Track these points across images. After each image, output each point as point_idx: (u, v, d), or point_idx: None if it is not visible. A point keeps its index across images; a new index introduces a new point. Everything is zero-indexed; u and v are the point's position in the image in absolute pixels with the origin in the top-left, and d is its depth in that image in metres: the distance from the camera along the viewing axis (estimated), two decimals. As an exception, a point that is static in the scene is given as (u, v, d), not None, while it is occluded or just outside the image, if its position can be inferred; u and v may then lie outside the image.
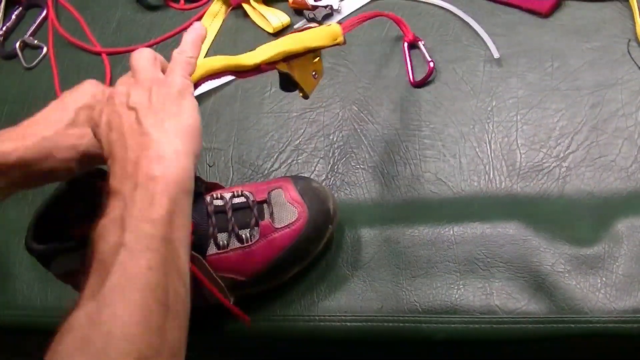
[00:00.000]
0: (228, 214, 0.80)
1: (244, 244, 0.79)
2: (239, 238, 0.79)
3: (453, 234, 0.83)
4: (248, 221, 0.80)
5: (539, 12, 0.96)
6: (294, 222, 0.80)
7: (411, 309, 0.81)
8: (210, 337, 0.85)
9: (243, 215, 0.81)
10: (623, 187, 0.83)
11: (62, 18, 1.24)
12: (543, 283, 0.78)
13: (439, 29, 1.00)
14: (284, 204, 0.81)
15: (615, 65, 0.90)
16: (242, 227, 0.80)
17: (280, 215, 0.81)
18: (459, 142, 0.91)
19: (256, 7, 1.12)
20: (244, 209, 0.81)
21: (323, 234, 0.82)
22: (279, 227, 0.80)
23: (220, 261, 0.79)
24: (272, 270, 0.81)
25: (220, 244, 0.79)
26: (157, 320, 0.59)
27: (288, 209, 0.81)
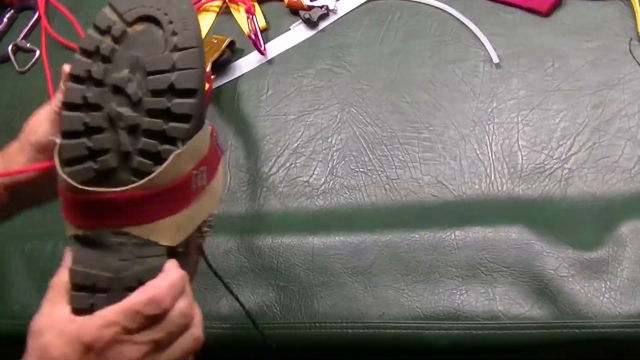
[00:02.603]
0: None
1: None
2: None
3: (454, 239, 0.82)
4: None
5: (539, 11, 0.95)
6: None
7: (413, 315, 0.80)
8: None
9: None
10: (626, 188, 0.82)
11: (55, 20, 1.23)
12: (547, 288, 0.77)
13: (438, 29, 0.99)
14: None
15: (617, 65, 0.89)
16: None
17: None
18: (459, 144, 0.90)
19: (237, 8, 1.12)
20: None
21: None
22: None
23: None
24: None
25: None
26: None
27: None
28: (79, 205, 0.58)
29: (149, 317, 0.56)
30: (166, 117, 0.57)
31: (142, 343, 0.57)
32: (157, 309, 0.57)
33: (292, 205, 0.93)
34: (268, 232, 0.89)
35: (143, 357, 0.57)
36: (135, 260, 0.58)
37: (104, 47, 0.58)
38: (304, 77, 1.02)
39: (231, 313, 0.86)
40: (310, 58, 1.04)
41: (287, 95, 1.02)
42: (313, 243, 0.87)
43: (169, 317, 0.58)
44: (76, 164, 0.57)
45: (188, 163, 0.59)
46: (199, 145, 0.60)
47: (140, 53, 0.57)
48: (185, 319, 0.58)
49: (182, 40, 0.57)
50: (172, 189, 0.58)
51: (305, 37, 1.06)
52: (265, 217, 0.93)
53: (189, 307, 0.59)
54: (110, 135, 0.57)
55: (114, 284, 0.58)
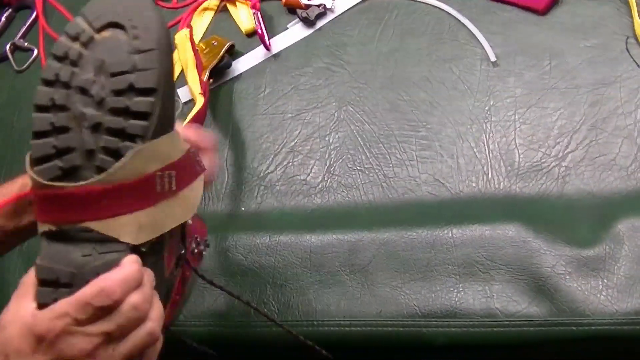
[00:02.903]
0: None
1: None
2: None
3: (452, 236, 0.82)
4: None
5: (536, 9, 0.95)
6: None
7: (410, 313, 0.80)
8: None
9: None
10: (623, 186, 0.82)
11: (53, 19, 1.23)
12: (544, 285, 0.77)
13: (435, 28, 0.99)
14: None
15: (614, 63, 0.89)
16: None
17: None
18: (456, 142, 0.90)
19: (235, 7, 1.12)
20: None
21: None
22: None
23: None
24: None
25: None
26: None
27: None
28: (45, 201, 0.61)
29: (99, 308, 0.57)
30: (126, 115, 0.59)
31: (93, 334, 0.57)
32: (107, 300, 0.57)
33: (289, 204, 0.93)
34: (265, 230, 0.89)
35: (94, 348, 0.57)
36: (97, 255, 0.60)
37: (72, 52, 0.61)
38: (301, 75, 1.03)
39: (229, 312, 0.86)
40: (308, 56, 1.04)
41: (285, 93, 1.02)
42: (310, 241, 0.87)
43: (120, 310, 0.58)
44: (43, 163, 0.60)
45: (151, 163, 0.61)
46: (165, 148, 0.62)
47: (105, 56, 0.60)
48: (137, 313, 0.58)
49: (143, 43, 0.60)
50: (133, 186, 0.60)
51: (302, 35, 1.06)
52: (262, 215, 0.93)
53: (142, 301, 0.59)
54: (75, 134, 0.60)
55: (76, 279, 0.59)
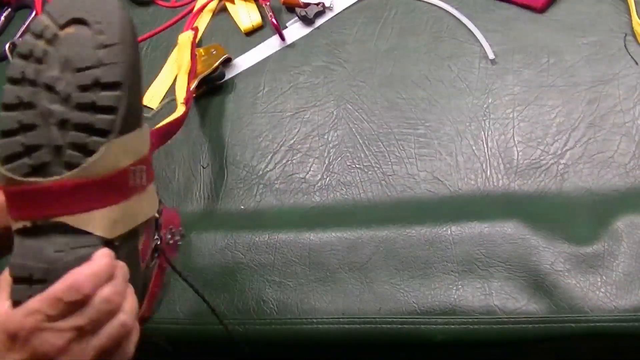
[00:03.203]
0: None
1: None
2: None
3: (451, 234, 0.82)
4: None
5: (534, 7, 0.96)
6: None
7: (409, 311, 0.80)
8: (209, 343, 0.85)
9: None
10: (622, 183, 0.82)
11: (52, 19, 1.23)
12: (542, 282, 0.77)
13: (433, 26, 0.99)
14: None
15: (612, 61, 0.89)
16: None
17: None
18: (455, 140, 0.90)
19: (233, 5, 1.12)
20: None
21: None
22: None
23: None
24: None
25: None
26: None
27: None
28: (17, 198, 0.61)
29: (70, 303, 0.57)
30: (93, 110, 0.60)
31: (64, 330, 0.57)
32: (77, 295, 0.57)
33: (288, 202, 0.93)
34: (264, 228, 0.89)
35: (67, 344, 0.57)
36: (70, 250, 0.60)
37: (37, 49, 0.61)
38: (300, 74, 1.03)
39: (228, 310, 0.86)
40: (306, 55, 1.04)
41: (283, 92, 1.02)
42: (309, 239, 0.87)
43: (90, 304, 0.58)
44: (13, 161, 0.60)
45: (124, 158, 0.62)
46: (136, 143, 0.63)
47: (70, 53, 0.60)
48: (108, 305, 0.59)
49: (107, 38, 0.60)
50: (107, 181, 0.61)
51: (301, 34, 1.06)
52: (261, 213, 0.93)
53: (113, 293, 0.59)
54: (43, 131, 0.60)
55: (50, 275, 0.59)
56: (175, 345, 0.89)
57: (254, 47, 1.08)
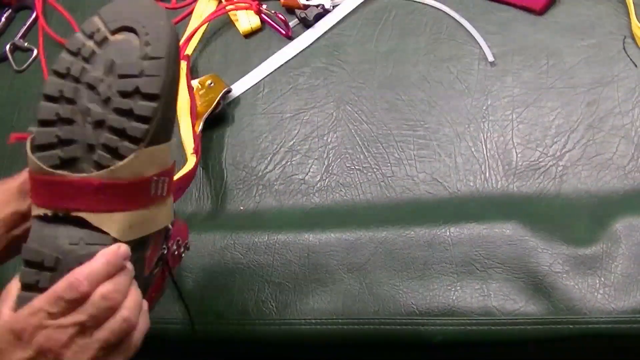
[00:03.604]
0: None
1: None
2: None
3: (449, 235, 0.82)
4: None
5: (534, 9, 0.96)
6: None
7: (408, 312, 0.80)
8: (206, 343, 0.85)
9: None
10: (620, 185, 0.82)
11: (52, 20, 1.23)
12: (541, 284, 0.77)
13: (433, 28, 1.00)
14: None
15: (611, 63, 0.89)
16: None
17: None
18: (454, 141, 0.90)
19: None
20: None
21: None
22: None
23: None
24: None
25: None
26: None
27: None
28: (43, 186, 0.64)
29: (70, 301, 0.60)
30: (129, 117, 0.62)
31: (66, 326, 0.60)
32: (75, 293, 0.60)
33: (287, 203, 0.94)
34: (264, 229, 0.89)
35: (70, 339, 0.60)
36: (83, 245, 0.63)
37: (85, 49, 0.64)
38: (299, 75, 1.03)
39: (227, 310, 0.87)
40: (306, 56, 1.04)
41: (283, 93, 1.02)
42: (309, 240, 0.87)
43: (90, 300, 0.61)
44: (45, 150, 0.63)
45: (149, 167, 0.64)
46: (162, 155, 0.66)
47: (116, 58, 0.63)
48: (107, 302, 0.61)
49: (153, 50, 0.63)
50: (131, 186, 0.64)
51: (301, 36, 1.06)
52: (261, 214, 0.94)
53: (112, 291, 0.62)
54: (78, 127, 0.63)
55: (60, 265, 0.62)
56: (175, 345, 0.89)
57: (252, 50, 1.08)
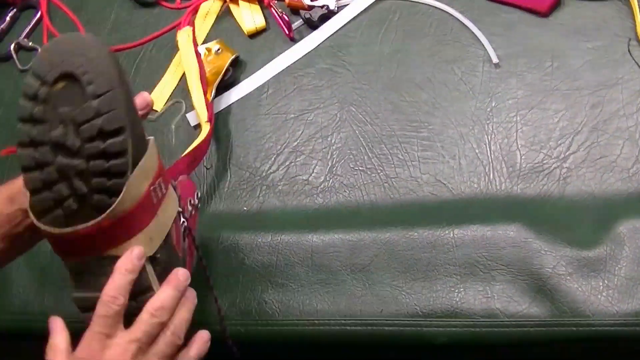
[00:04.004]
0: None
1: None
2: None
3: (453, 237, 0.82)
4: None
5: (539, 11, 0.96)
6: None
7: (411, 313, 0.80)
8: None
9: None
10: (624, 188, 0.82)
11: (57, 19, 1.23)
12: (544, 286, 0.77)
13: (437, 29, 0.99)
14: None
15: (616, 65, 0.89)
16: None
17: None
18: (458, 143, 0.90)
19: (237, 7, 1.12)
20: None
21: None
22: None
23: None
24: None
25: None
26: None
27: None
28: (62, 245, 0.67)
29: (114, 316, 0.66)
30: (105, 157, 0.63)
31: (126, 345, 0.66)
32: (114, 306, 0.66)
33: (291, 203, 0.94)
34: (267, 229, 0.89)
35: (133, 357, 0.66)
36: None
37: (36, 111, 0.64)
38: (303, 76, 1.03)
39: (230, 311, 0.87)
40: (310, 57, 1.04)
41: (287, 94, 1.02)
42: (312, 241, 0.87)
43: (140, 319, 0.67)
44: (47, 214, 0.65)
45: (143, 183, 0.66)
46: (149, 164, 0.67)
47: (67, 108, 0.63)
48: (155, 319, 0.68)
49: (98, 87, 0.63)
50: (136, 209, 0.66)
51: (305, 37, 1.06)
52: (264, 214, 0.93)
53: (159, 308, 0.68)
54: (66, 183, 0.64)
55: None
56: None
57: (257, 50, 1.08)
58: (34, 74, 0.64)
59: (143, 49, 1.15)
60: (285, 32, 1.06)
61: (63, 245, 0.67)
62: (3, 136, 1.12)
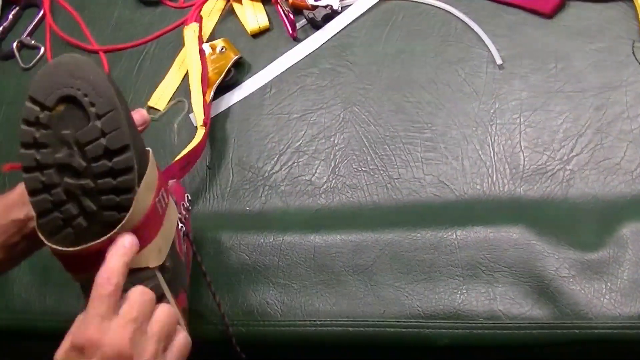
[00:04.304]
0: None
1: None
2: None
3: (456, 238, 0.82)
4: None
5: (543, 12, 0.95)
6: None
7: (413, 314, 0.80)
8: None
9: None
10: (628, 190, 0.82)
11: (60, 18, 1.23)
12: (547, 288, 0.77)
13: (441, 30, 0.99)
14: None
15: (620, 67, 0.89)
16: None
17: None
18: (461, 144, 0.90)
19: (240, 6, 1.12)
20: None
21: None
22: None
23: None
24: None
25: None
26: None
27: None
28: (74, 262, 0.68)
29: (110, 295, 0.64)
30: (112, 175, 0.65)
31: (124, 324, 0.64)
32: (110, 286, 0.64)
33: (294, 204, 0.93)
34: (270, 230, 0.89)
35: (132, 337, 0.64)
36: (134, 287, 0.67)
37: (39, 136, 0.65)
38: (307, 76, 1.03)
39: (232, 311, 0.86)
40: (313, 57, 1.04)
41: (290, 94, 1.02)
42: (314, 241, 0.87)
43: (131, 298, 0.65)
44: (57, 234, 0.66)
45: (149, 194, 0.68)
46: (152, 177, 0.68)
47: (70, 131, 0.65)
48: (146, 295, 0.66)
49: (100, 108, 0.64)
50: (144, 222, 0.67)
51: (309, 37, 1.06)
52: (267, 215, 0.93)
53: (166, 316, 0.68)
54: (74, 203, 0.65)
55: None
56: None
57: (260, 50, 1.08)
58: (32, 100, 0.65)
59: (146, 47, 1.15)
60: (289, 31, 1.06)
61: (74, 263, 0.68)
62: (6, 135, 1.12)
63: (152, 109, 1.08)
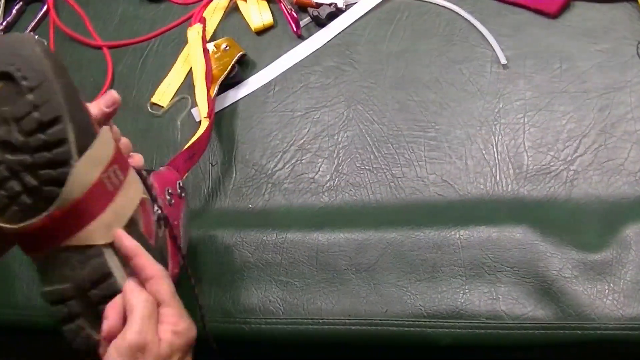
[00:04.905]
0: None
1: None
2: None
3: (459, 238, 0.82)
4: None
5: (547, 12, 0.95)
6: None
7: (416, 313, 0.80)
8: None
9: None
10: (631, 191, 0.82)
11: (64, 13, 1.23)
12: (550, 288, 0.77)
13: (445, 29, 0.99)
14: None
15: (624, 68, 0.89)
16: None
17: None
18: (465, 143, 0.90)
19: (245, 3, 1.12)
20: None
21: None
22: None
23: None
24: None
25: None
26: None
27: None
28: (23, 240, 0.68)
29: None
30: (47, 148, 0.64)
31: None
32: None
33: (297, 202, 0.93)
34: (272, 227, 0.89)
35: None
36: (83, 265, 0.68)
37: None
38: (311, 74, 1.03)
39: (234, 309, 0.86)
40: (318, 55, 1.04)
41: (294, 92, 1.02)
42: (317, 239, 0.87)
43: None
44: (4, 212, 0.66)
45: (94, 170, 0.67)
46: (99, 152, 0.68)
47: (8, 107, 0.65)
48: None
49: (31, 81, 0.64)
50: (87, 197, 0.66)
51: (313, 34, 1.06)
52: (270, 212, 0.93)
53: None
54: (16, 180, 0.65)
55: (77, 291, 0.68)
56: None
57: (264, 47, 1.08)
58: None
59: (150, 44, 1.15)
60: (293, 29, 1.06)
61: (25, 241, 0.68)
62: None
63: (155, 105, 1.08)
